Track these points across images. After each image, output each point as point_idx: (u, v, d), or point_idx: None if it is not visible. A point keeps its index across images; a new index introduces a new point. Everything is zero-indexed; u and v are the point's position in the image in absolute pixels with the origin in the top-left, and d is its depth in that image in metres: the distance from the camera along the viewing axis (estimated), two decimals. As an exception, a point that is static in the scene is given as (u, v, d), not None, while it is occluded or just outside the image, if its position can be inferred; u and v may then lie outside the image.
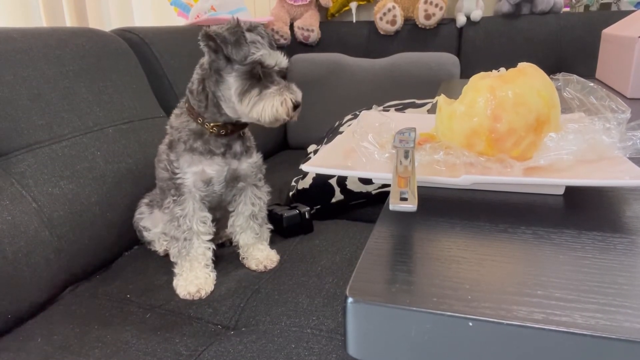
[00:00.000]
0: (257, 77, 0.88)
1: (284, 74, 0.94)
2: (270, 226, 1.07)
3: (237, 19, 0.90)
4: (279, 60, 0.92)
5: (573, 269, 0.33)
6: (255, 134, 1.02)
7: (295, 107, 0.90)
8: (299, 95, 0.91)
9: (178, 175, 0.92)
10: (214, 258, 0.97)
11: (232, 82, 0.88)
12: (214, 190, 0.97)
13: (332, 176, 1.26)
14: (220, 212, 1.05)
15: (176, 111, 0.96)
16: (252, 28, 0.91)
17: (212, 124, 0.92)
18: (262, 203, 1.03)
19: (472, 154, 0.48)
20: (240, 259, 1.02)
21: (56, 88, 1.03)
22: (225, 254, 1.05)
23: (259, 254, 1.01)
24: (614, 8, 1.91)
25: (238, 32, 0.87)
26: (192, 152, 0.92)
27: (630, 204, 0.44)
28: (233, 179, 0.98)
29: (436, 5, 1.83)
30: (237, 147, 0.96)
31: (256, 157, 1.00)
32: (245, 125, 0.96)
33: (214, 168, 0.94)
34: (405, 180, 0.40)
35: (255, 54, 0.88)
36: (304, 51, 2.02)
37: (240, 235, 1.02)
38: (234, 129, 0.94)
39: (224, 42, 0.86)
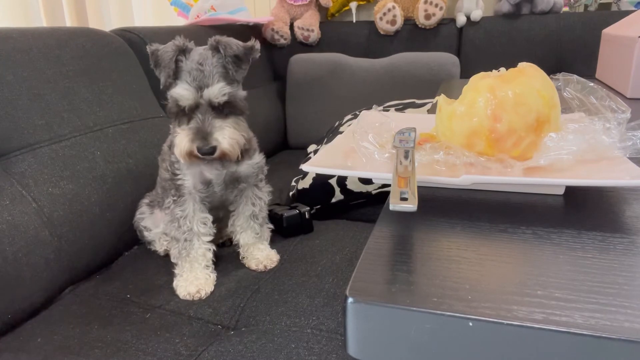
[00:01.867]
0: (183, 109, 0.86)
1: (222, 107, 0.87)
2: (271, 226, 1.07)
3: (183, 43, 0.86)
4: (204, 96, 0.84)
5: (573, 269, 0.33)
6: (255, 134, 1.02)
7: (206, 153, 0.85)
8: (209, 140, 0.84)
9: (179, 177, 0.92)
10: (214, 259, 0.97)
11: (167, 110, 0.88)
12: (215, 192, 0.97)
13: (332, 176, 1.26)
14: (222, 212, 1.05)
15: None
16: (212, 45, 0.87)
17: None
18: (263, 203, 1.03)
19: (472, 154, 0.48)
20: (240, 258, 1.02)
21: (56, 88, 1.03)
22: (225, 254, 1.05)
23: (259, 253, 1.01)
24: (614, 8, 1.91)
25: (169, 54, 0.84)
26: None
27: (630, 204, 0.44)
28: (233, 180, 0.98)
29: (436, 5, 1.83)
30: None
31: (258, 158, 1.00)
32: None
33: (212, 172, 0.94)
34: (406, 180, 0.40)
35: (172, 89, 0.85)
36: (304, 51, 2.02)
37: (241, 235, 1.02)
38: None
39: (155, 63, 0.87)
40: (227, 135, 0.86)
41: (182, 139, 0.85)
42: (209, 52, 0.87)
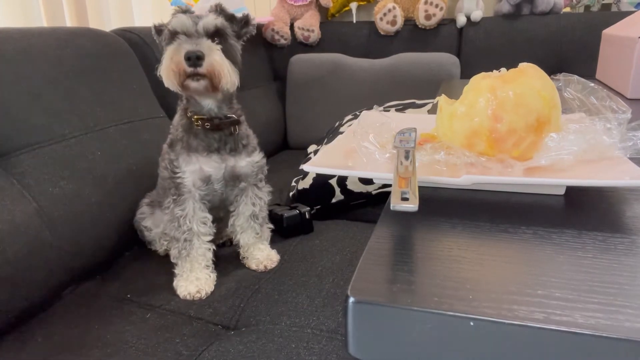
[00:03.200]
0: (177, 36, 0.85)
1: (218, 38, 0.86)
2: (271, 226, 1.07)
3: (185, 5, 0.89)
4: (199, 24, 0.84)
5: (574, 268, 0.33)
6: (256, 134, 1.02)
7: (193, 59, 0.81)
8: (200, 48, 0.81)
9: (178, 175, 0.92)
10: (214, 259, 0.97)
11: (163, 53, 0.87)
12: (214, 189, 0.96)
13: (332, 176, 1.26)
14: (222, 212, 1.05)
15: (178, 110, 0.97)
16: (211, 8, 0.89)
17: (196, 117, 0.91)
18: (263, 203, 1.03)
19: (472, 154, 0.48)
20: (240, 258, 1.02)
21: (56, 88, 1.03)
22: (225, 254, 1.05)
23: (260, 253, 1.01)
24: (614, 8, 1.91)
25: (169, 18, 0.88)
26: (188, 150, 0.92)
27: (631, 204, 0.44)
28: (233, 179, 0.97)
29: (436, 6, 1.83)
30: (231, 144, 0.95)
31: (258, 157, 0.99)
32: (236, 122, 0.95)
33: (211, 165, 0.93)
34: (406, 181, 0.40)
35: (169, 23, 0.86)
36: (304, 51, 2.02)
37: (241, 235, 1.02)
38: (221, 123, 0.92)
39: (157, 30, 0.90)
40: (217, 51, 0.83)
41: (169, 52, 0.82)
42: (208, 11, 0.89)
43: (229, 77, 0.85)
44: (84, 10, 1.80)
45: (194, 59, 0.81)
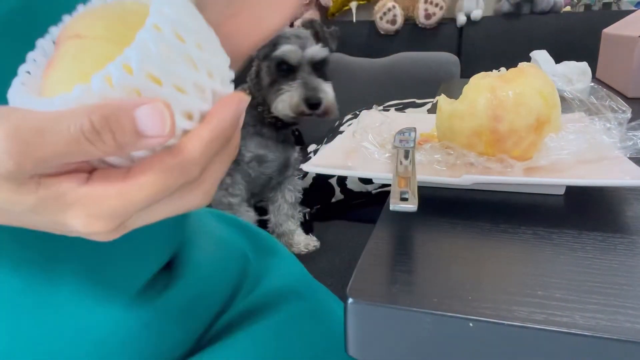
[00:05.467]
0: (284, 72, 0.90)
1: (320, 66, 0.95)
2: (307, 208, 1.16)
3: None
4: (305, 55, 0.92)
5: (573, 269, 0.33)
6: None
7: (313, 104, 0.90)
8: (318, 93, 0.91)
9: (241, 152, 0.97)
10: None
11: (263, 75, 0.91)
12: (263, 172, 1.02)
13: (332, 176, 1.26)
14: (255, 199, 1.10)
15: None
16: (305, 23, 0.95)
17: (270, 115, 0.97)
18: (298, 192, 1.10)
19: (472, 154, 0.48)
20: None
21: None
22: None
23: (299, 238, 1.07)
24: (614, 8, 1.91)
25: None
26: (260, 136, 0.99)
27: (631, 204, 0.44)
28: (285, 167, 1.05)
29: (436, 5, 1.83)
30: (292, 138, 1.05)
31: (298, 152, 1.09)
32: (296, 123, 1.01)
33: (275, 154, 1.01)
34: (406, 180, 0.40)
35: (277, 50, 0.89)
36: (304, 51, 2.02)
37: (286, 223, 1.06)
38: (288, 122, 0.99)
39: None
40: (330, 92, 0.93)
41: (292, 94, 0.90)
42: (301, 27, 0.95)
43: (336, 111, 0.95)
44: (84, 10, 1.80)
45: (314, 105, 0.90)
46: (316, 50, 0.92)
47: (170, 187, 0.21)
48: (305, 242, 1.06)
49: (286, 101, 0.90)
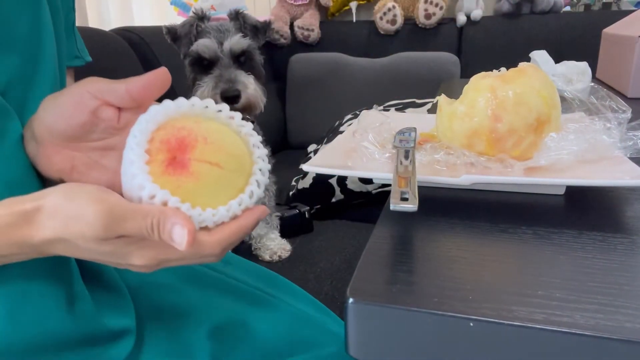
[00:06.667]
0: (205, 67, 0.86)
1: (245, 59, 0.88)
2: (279, 214, 1.07)
3: (201, 9, 0.88)
4: (224, 48, 0.85)
5: (574, 269, 0.33)
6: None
7: (229, 97, 0.83)
8: (235, 85, 0.84)
9: None
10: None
11: (187, 73, 0.88)
12: None
13: (332, 176, 1.26)
14: None
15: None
16: (231, 14, 0.89)
17: None
18: (271, 193, 1.03)
19: (472, 153, 0.48)
20: (252, 250, 1.01)
21: (56, 88, 1.03)
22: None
23: (272, 243, 1.00)
24: (614, 8, 1.91)
25: (187, 26, 0.86)
26: None
27: (631, 204, 0.44)
28: None
29: (436, 5, 1.83)
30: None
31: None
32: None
33: None
34: (406, 180, 0.40)
35: (193, 45, 0.85)
36: (304, 51, 2.01)
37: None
38: None
39: (173, 37, 0.88)
40: (252, 82, 0.85)
41: (204, 88, 0.84)
42: (228, 21, 0.89)
43: (261, 105, 0.88)
44: (84, 10, 1.80)
45: (232, 98, 0.83)
46: (235, 41, 0.86)
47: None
48: (276, 248, 0.98)
49: (199, 97, 0.88)
